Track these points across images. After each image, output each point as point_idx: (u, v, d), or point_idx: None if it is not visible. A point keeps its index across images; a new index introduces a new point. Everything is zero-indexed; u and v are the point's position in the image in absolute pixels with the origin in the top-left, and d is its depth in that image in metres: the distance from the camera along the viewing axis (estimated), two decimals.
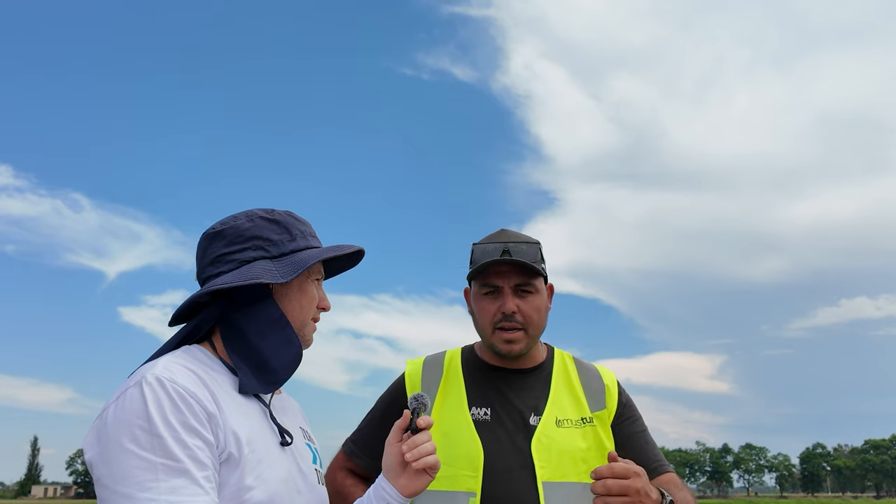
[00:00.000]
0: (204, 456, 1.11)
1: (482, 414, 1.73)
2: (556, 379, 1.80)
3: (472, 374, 1.81)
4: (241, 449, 1.16)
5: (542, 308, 1.76)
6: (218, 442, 1.14)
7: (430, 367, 1.85)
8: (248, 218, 1.32)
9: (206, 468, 1.10)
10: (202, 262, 1.32)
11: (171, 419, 1.09)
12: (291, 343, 1.30)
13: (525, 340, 1.74)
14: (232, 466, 1.15)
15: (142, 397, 1.10)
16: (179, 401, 1.11)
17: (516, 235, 1.79)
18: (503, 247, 1.73)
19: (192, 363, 1.21)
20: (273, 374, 1.29)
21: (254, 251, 1.29)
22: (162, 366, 1.16)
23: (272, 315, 1.29)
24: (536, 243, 1.77)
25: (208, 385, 1.18)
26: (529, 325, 1.73)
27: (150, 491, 1.04)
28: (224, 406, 1.18)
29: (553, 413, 1.73)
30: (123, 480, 1.06)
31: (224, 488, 1.14)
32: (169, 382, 1.12)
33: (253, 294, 1.29)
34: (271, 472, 1.20)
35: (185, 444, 1.09)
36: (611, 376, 1.86)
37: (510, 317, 1.72)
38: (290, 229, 1.34)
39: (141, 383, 1.12)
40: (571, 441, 1.70)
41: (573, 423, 1.73)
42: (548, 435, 1.69)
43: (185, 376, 1.15)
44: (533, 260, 1.72)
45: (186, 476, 1.07)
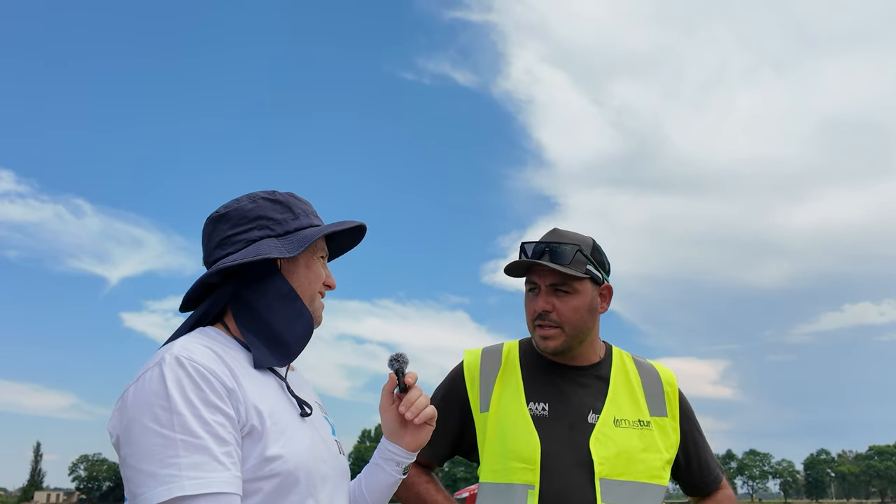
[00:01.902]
0: (224, 432, 1.12)
1: (540, 409, 1.75)
2: (614, 378, 1.82)
3: (530, 369, 1.83)
4: (263, 421, 1.18)
5: (582, 309, 1.76)
6: (239, 416, 1.16)
7: (489, 358, 1.87)
8: (251, 199, 1.34)
9: (226, 444, 1.12)
10: (208, 246, 1.34)
11: (191, 396, 1.11)
12: (302, 316, 1.32)
13: (562, 338, 1.75)
14: (255, 439, 1.17)
15: (161, 376, 1.12)
16: (199, 378, 1.13)
17: (560, 235, 1.80)
18: (543, 247, 1.76)
19: (209, 342, 1.23)
20: (286, 347, 1.31)
21: (259, 231, 1.31)
22: (180, 345, 1.18)
23: (282, 289, 1.31)
24: (577, 244, 1.77)
25: (226, 361, 1.20)
26: (565, 324, 1.75)
27: (172, 467, 1.06)
28: (243, 381, 1.20)
29: (611, 412, 1.76)
30: (146, 458, 1.08)
31: (248, 460, 1.16)
32: (187, 360, 1.14)
33: (262, 271, 1.31)
34: (295, 442, 1.22)
35: (206, 420, 1.10)
36: (670, 378, 1.88)
37: (544, 315, 1.75)
38: (293, 208, 1.36)
39: (160, 363, 1.14)
40: (629, 441, 1.73)
41: (630, 424, 1.75)
42: (606, 434, 1.72)
43: (203, 354, 1.17)
44: (567, 261, 1.73)
45: (207, 452, 1.08)
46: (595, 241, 1.84)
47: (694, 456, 1.86)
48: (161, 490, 1.05)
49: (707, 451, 1.90)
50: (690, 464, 1.86)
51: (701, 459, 1.87)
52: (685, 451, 1.85)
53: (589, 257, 1.78)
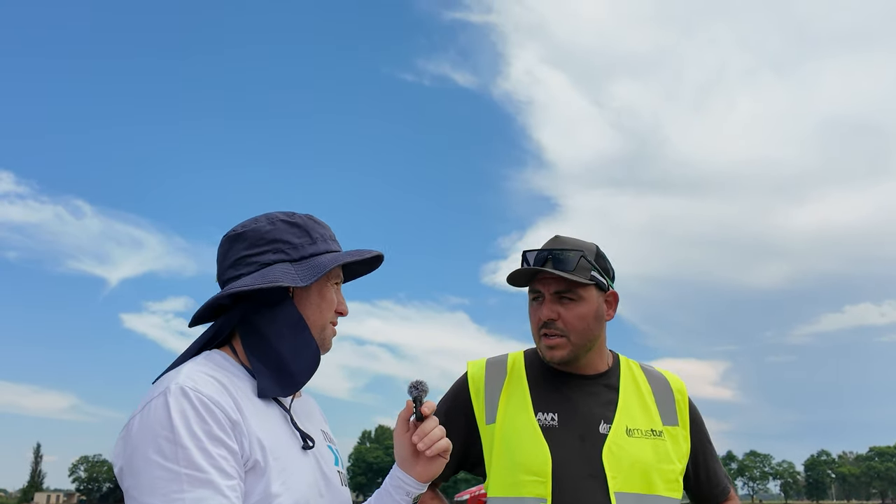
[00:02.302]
0: (228, 465, 1.11)
1: (549, 419, 1.69)
2: (624, 387, 1.77)
3: (536, 379, 1.78)
4: (265, 456, 1.17)
5: (588, 316, 1.71)
6: (242, 450, 1.14)
7: (493, 369, 1.82)
8: (269, 221, 1.32)
9: (230, 478, 1.10)
10: (223, 265, 1.32)
11: (196, 429, 1.09)
12: (309, 346, 1.30)
13: (568, 348, 1.71)
14: (258, 474, 1.15)
15: (166, 407, 1.10)
16: (203, 410, 1.11)
17: (562, 242, 1.76)
18: (546, 255, 1.72)
19: (215, 370, 1.21)
20: (291, 377, 1.29)
21: (274, 254, 1.29)
22: (185, 374, 1.16)
23: (291, 318, 1.29)
24: (580, 250, 1.72)
25: (231, 392, 1.18)
26: (571, 332, 1.70)
27: (176, 502, 1.05)
28: (247, 413, 1.18)
29: (623, 422, 1.70)
30: (149, 491, 1.06)
31: (250, 496, 1.14)
32: (193, 392, 1.12)
33: (273, 297, 1.29)
34: (296, 478, 1.21)
35: (210, 453, 1.09)
36: (680, 386, 1.83)
37: (550, 324, 1.71)
38: (311, 232, 1.34)
39: (165, 393, 1.12)
40: (643, 452, 1.67)
41: (643, 434, 1.70)
42: (619, 444, 1.66)
43: (208, 385, 1.15)
44: (571, 268, 1.69)
45: (211, 486, 1.07)
46: (598, 247, 1.80)
47: (703, 466, 1.81)
48: None
49: (716, 461, 1.85)
50: (699, 474, 1.81)
51: (710, 470, 1.82)
52: (695, 461, 1.79)
53: (593, 263, 1.74)
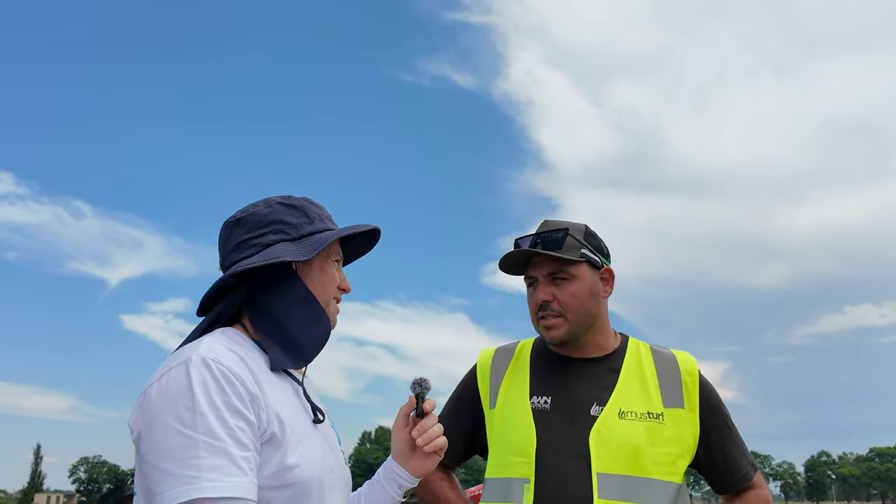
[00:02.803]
0: (245, 437, 1.12)
1: (542, 402, 1.72)
2: (626, 369, 1.75)
3: (538, 363, 1.80)
4: (283, 429, 1.19)
5: (582, 294, 1.72)
6: (260, 422, 1.16)
7: (500, 356, 1.86)
8: (267, 204, 1.36)
9: (246, 449, 1.12)
10: (225, 250, 1.35)
11: (216, 399, 1.11)
12: (320, 319, 1.33)
13: (565, 326, 1.72)
14: (274, 446, 1.17)
15: (187, 377, 1.12)
16: (224, 381, 1.13)
17: (549, 224, 1.77)
18: (535, 239, 1.74)
19: (232, 344, 1.24)
20: (301, 350, 1.32)
21: (274, 234, 1.32)
22: (206, 346, 1.18)
23: (298, 293, 1.32)
24: (564, 229, 1.73)
25: (249, 365, 1.20)
26: (567, 311, 1.71)
27: (192, 468, 1.06)
28: (265, 386, 1.20)
29: (617, 404, 1.69)
30: (166, 457, 1.08)
31: (265, 467, 1.16)
32: (213, 363, 1.14)
33: (278, 274, 1.32)
34: (310, 452, 1.23)
35: (228, 424, 1.11)
36: (690, 367, 1.77)
37: (545, 305, 1.72)
38: (308, 213, 1.37)
39: (186, 363, 1.14)
40: (633, 434, 1.65)
41: (637, 416, 1.67)
42: (608, 426, 1.65)
43: (228, 357, 1.18)
44: (559, 247, 1.70)
45: (227, 456, 1.09)
46: (588, 226, 1.80)
47: (718, 450, 1.74)
48: (180, 490, 1.06)
49: (734, 446, 1.77)
50: (713, 458, 1.74)
51: (726, 454, 1.75)
52: (706, 444, 1.73)
53: (582, 241, 1.74)
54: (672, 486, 1.64)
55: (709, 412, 1.74)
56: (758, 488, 1.79)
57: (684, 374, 1.75)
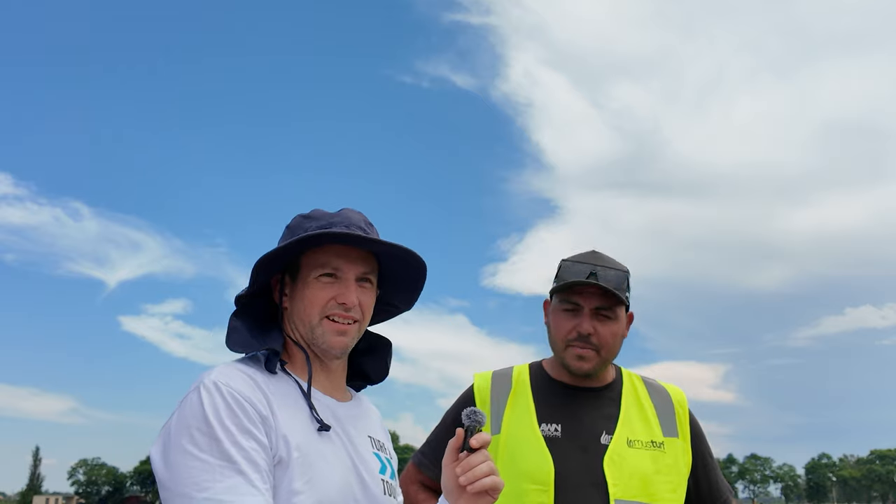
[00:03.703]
0: (258, 457, 1.15)
1: (552, 430, 1.75)
2: (626, 399, 1.83)
3: (541, 391, 1.84)
4: (290, 453, 1.20)
5: (619, 334, 1.80)
6: (271, 444, 1.18)
7: (499, 381, 1.89)
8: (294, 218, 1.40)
9: (260, 469, 1.14)
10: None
11: (227, 422, 1.14)
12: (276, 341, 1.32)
13: (596, 361, 1.77)
14: (282, 469, 1.19)
15: (199, 401, 1.16)
16: (234, 404, 1.16)
17: (606, 260, 1.82)
18: (591, 269, 1.77)
19: (251, 369, 1.26)
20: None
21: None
22: (218, 371, 1.23)
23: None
24: (625, 271, 1.80)
25: (263, 389, 1.23)
26: (603, 348, 1.77)
27: (208, 491, 1.09)
28: (278, 410, 1.22)
29: (624, 433, 1.76)
30: (182, 481, 1.11)
31: (277, 490, 1.18)
32: (224, 387, 1.18)
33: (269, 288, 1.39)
34: (323, 478, 1.22)
35: (241, 445, 1.14)
36: (681, 398, 1.87)
37: (586, 337, 1.76)
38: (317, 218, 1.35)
39: (198, 388, 1.19)
40: (642, 462, 1.72)
41: (643, 445, 1.75)
42: (620, 454, 1.71)
43: (240, 381, 1.21)
44: (618, 287, 1.76)
45: (242, 476, 1.11)
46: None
47: (704, 478, 1.84)
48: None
49: (717, 474, 1.87)
50: (700, 486, 1.83)
51: (711, 482, 1.85)
52: (695, 473, 1.82)
53: (629, 285, 1.83)
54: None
55: (697, 442, 1.84)
56: None
57: (677, 406, 1.85)
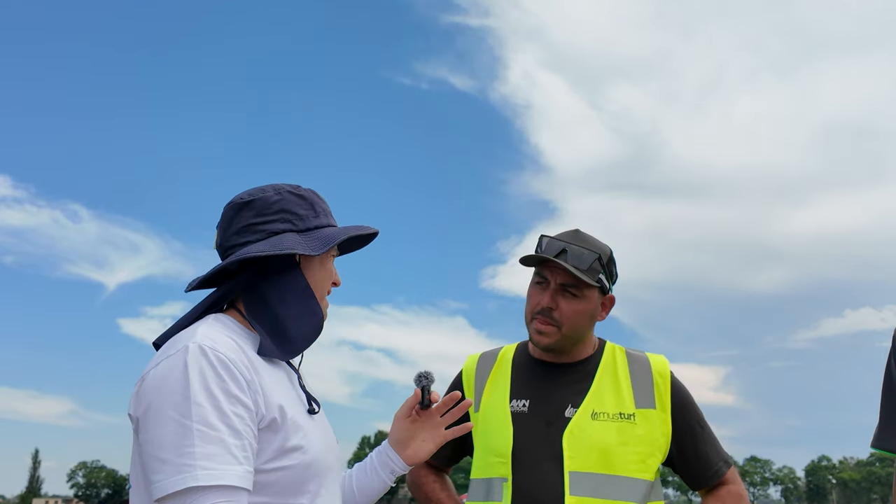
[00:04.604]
0: (241, 424, 1.13)
1: (521, 406, 1.80)
2: (601, 372, 1.83)
3: (520, 368, 1.88)
4: (283, 414, 1.20)
5: (584, 313, 1.79)
6: (257, 408, 1.17)
7: (484, 361, 1.95)
8: (276, 191, 1.35)
9: (241, 437, 1.13)
10: (228, 231, 1.34)
11: (212, 387, 1.12)
12: (315, 314, 1.35)
13: (556, 336, 1.78)
14: (274, 430, 1.19)
15: (184, 364, 1.13)
16: (221, 368, 1.14)
17: (582, 239, 1.82)
18: (564, 246, 1.78)
19: (227, 331, 1.24)
20: (291, 342, 1.32)
21: (282, 223, 1.33)
22: (202, 333, 1.19)
23: (299, 286, 1.33)
24: (597, 252, 1.78)
25: (246, 352, 1.21)
26: (564, 325, 1.78)
27: (187, 457, 1.07)
28: (262, 372, 1.22)
29: (591, 406, 1.77)
30: (162, 446, 1.09)
31: (266, 451, 1.18)
32: (211, 350, 1.15)
33: (281, 264, 1.33)
34: (312, 435, 1.26)
35: (224, 411, 1.11)
36: (662, 368, 1.85)
37: (546, 311, 1.78)
38: (315, 206, 1.38)
39: (184, 351, 1.15)
40: (604, 434, 1.73)
41: (609, 417, 1.75)
42: (581, 427, 1.74)
43: (226, 344, 1.18)
44: (585, 267, 1.75)
45: (222, 444, 1.10)
46: (612, 251, 1.87)
47: (690, 448, 1.81)
48: (175, 479, 1.07)
49: (707, 443, 1.84)
50: (686, 457, 1.82)
51: (699, 451, 1.82)
52: (678, 443, 1.81)
53: (604, 266, 1.81)
54: (643, 483, 1.72)
55: (680, 412, 1.82)
56: (730, 483, 1.85)
57: (656, 376, 1.82)
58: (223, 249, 1.34)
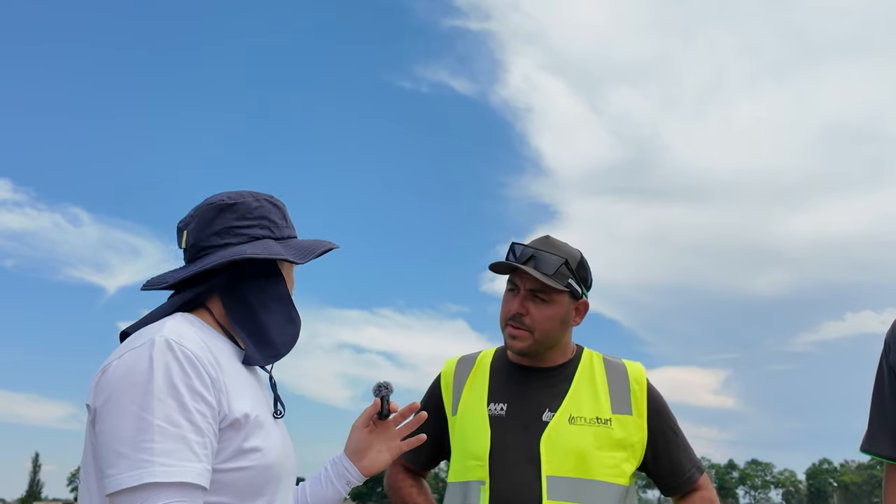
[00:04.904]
0: (203, 421, 1.11)
1: (498, 409, 1.81)
2: (578, 377, 1.85)
3: (498, 372, 1.90)
4: (246, 414, 1.19)
5: (556, 319, 1.80)
6: (220, 407, 1.15)
7: (463, 364, 1.96)
8: (255, 198, 1.36)
9: (203, 434, 1.10)
10: (206, 231, 1.32)
11: (176, 382, 1.10)
12: (294, 321, 1.36)
13: (529, 341, 1.80)
14: (235, 430, 1.17)
15: (149, 358, 1.10)
16: (187, 364, 1.12)
17: (551, 245, 1.84)
18: (532, 252, 1.80)
19: (195, 329, 1.23)
20: (272, 348, 1.33)
21: (261, 229, 1.34)
22: (170, 328, 1.17)
23: (280, 292, 1.35)
24: (563, 257, 1.80)
25: (213, 351, 1.20)
26: (536, 330, 1.79)
27: (146, 452, 1.05)
28: (227, 372, 1.20)
29: (568, 410, 1.78)
30: (121, 439, 1.06)
31: (226, 450, 1.16)
32: (177, 345, 1.13)
33: (264, 270, 1.33)
34: (272, 438, 1.25)
35: (187, 408, 1.09)
36: (638, 374, 1.87)
37: (518, 318, 1.80)
38: (286, 217, 1.41)
39: (149, 344, 1.13)
40: (581, 438, 1.74)
41: (587, 422, 1.77)
42: (558, 431, 1.75)
43: (192, 340, 1.17)
44: (551, 272, 1.77)
45: (182, 441, 1.07)
46: (583, 255, 1.87)
47: (664, 454, 1.84)
48: (132, 475, 1.04)
49: (680, 450, 1.86)
50: (659, 462, 1.84)
51: (672, 458, 1.85)
52: (653, 449, 1.83)
53: (573, 271, 1.82)
54: (618, 488, 1.74)
55: (655, 418, 1.84)
56: (703, 489, 1.88)
57: (633, 383, 1.85)
58: (197, 249, 1.32)
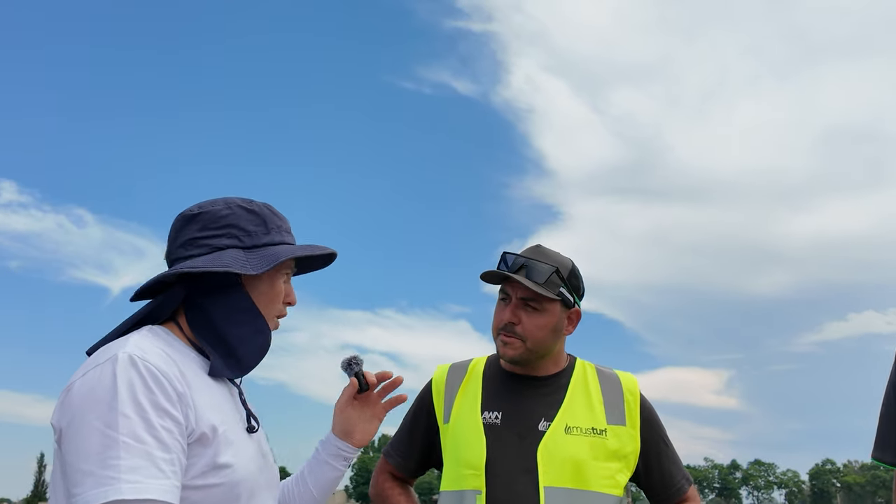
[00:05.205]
0: (170, 437, 1.09)
1: (493, 418, 1.81)
2: (573, 387, 1.85)
3: (491, 380, 1.89)
4: (214, 429, 1.16)
5: (547, 327, 1.80)
6: (188, 422, 1.13)
7: (455, 372, 1.95)
8: (227, 205, 1.32)
9: (169, 451, 1.09)
10: (174, 243, 1.31)
11: (141, 398, 1.08)
12: (261, 332, 1.32)
13: (521, 350, 1.80)
14: (205, 445, 1.15)
15: (112, 375, 1.09)
16: (151, 380, 1.10)
17: (541, 254, 1.84)
18: (524, 262, 1.81)
19: (161, 343, 1.21)
20: (240, 361, 1.30)
21: (227, 238, 1.29)
22: (133, 344, 1.15)
23: (242, 304, 1.30)
24: (553, 265, 1.80)
25: (179, 365, 1.17)
26: (528, 339, 1.79)
27: (112, 469, 1.03)
28: (194, 386, 1.17)
29: (564, 420, 1.78)
30: (86, 457, 1.05)
31: (195, 466, 1.14)
32: (141, 361, 1.11)
33: (222, 281, 1.29)
34: (242, 454, 1.22)
35: (152, 424, 1.07)
36: (632, 385, 1.89)
37: (509, 327, 1.80)
38: (267, 222, 1.33)
39: (113, 361, 1.11)
40: (578, 449, 1.75)
41: (582, 432, 1.77)
42: (555, 441, 1.75)
43: (156, 355, 1.15)
44: (542, 281, 1.77)
45: (148, 457, 1.05)
46: (574, 264, 1.88)
47: (655, 466, 1.87)
48: (98, 492, 1.02)
49: (671, 462, 1.90)
50: (651, 473, 1.87)
51: (663, 469, 1.88)
52: (646, 460, 1.85)
53: (564, 280, 1.82)
54: (612, 499, 1.75)
55: (648, 429, 1.85)
56: (691, 501, 1.92)
57: (626, 394, 1.86)
58: (169, 261, 1.31)
